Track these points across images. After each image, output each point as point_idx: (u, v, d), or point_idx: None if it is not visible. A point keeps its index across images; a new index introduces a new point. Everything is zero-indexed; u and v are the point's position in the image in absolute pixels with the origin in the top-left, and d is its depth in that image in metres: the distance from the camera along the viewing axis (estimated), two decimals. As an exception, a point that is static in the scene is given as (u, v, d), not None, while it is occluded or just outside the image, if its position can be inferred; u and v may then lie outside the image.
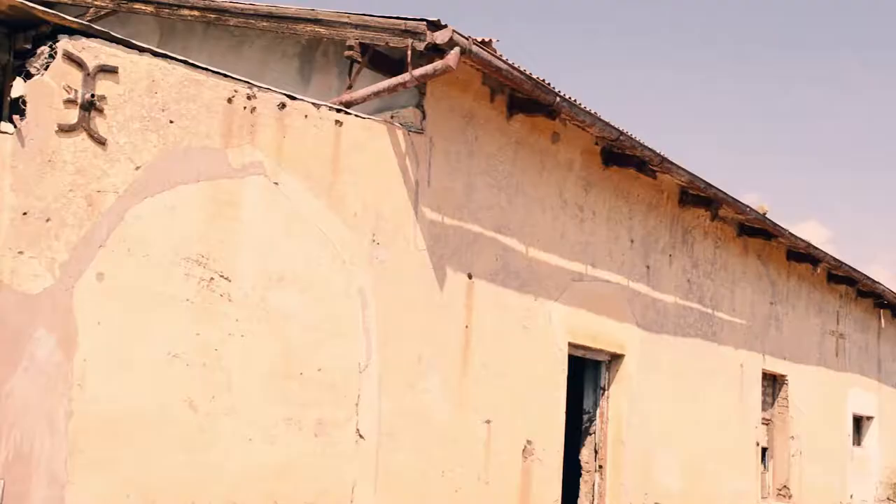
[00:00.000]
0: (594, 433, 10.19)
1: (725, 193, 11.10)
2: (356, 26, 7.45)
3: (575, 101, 8.50)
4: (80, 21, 5.72)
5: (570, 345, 9.38)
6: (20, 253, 5.31)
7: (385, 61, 7.85)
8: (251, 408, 6.36)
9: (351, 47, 7.47)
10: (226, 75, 6.42)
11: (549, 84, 8.14)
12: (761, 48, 48.07)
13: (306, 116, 6.88)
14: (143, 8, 9.10)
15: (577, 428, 10.33)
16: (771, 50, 47.83)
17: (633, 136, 9.32)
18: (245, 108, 6.48)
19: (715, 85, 47.35)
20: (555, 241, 9.26)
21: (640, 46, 46.23)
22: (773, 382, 14.08)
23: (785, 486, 13.99)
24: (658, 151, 9.67)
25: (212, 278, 6.19)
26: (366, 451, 7.10)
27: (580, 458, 10.24)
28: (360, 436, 7.06)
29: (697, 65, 46.56)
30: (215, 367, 6.17)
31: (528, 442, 8.72)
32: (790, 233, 12.83)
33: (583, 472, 10.21)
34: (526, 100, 8.56)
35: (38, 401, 5.34)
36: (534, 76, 7.93)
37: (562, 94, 8.27)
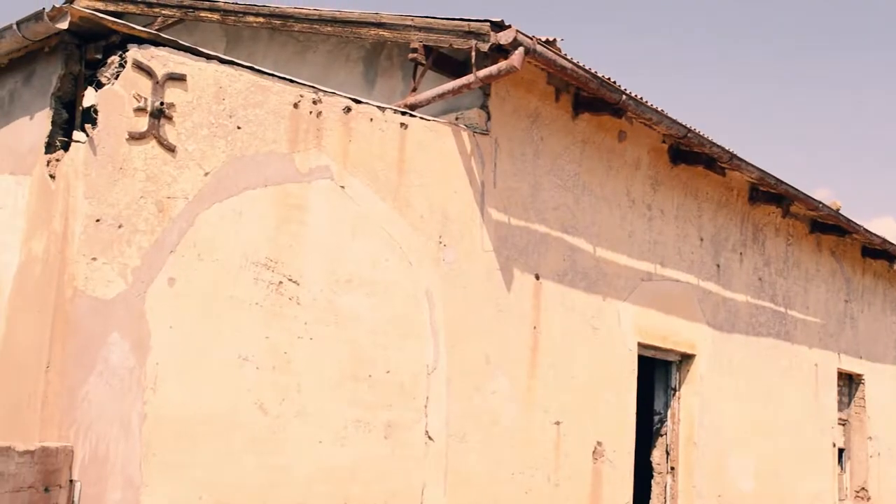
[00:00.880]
0: (665, 434, 10.08)
1: (797, 190, 10.89)
2: (420, 29, 7.46)
3: (641, 98, 8.42)
4: (148, 30, 5.81)
5: (640, 345, 9.29)
6: (94, 259, 5.41)
7: (449, 63, 7.85)
8: (321, 410, 6.40)
9: (415, 50, 7.48)
10: (292, 80, 6.47)
11: (614, 82, 8.07)
12: (831, 44, 47.22)
13: (371, 120, 6.91)
14: (210, 16, 9.22)
15: (647, 429, 10.21)
16: (841, 47, 46.96)
17: (702, 133, 9.20)
18: (311, 112, 6.53)
19: (783, 81, 46.60)
20: (623, 241, 9.18)
21: (704, 43, 45.69)
22: (849, 382, 13.79)
23: (863, 488, 13.69)
24: (727, 148, 9.53)
25: (280, 282, 6.24)
26: (435, 453, 7.10)
27: (651, 459, 10.13)
28: (430, 437, 7.07)
29: (763, 61, 45.87)
30: (285, 369, 6.22)
31: (599, 443, 8.65)
32: (865, 229, 12.55)
33: (654, 473, 10.09)
34: (591, 98, 8.49)
35: (112, 404, 5.43)
36: (599, 74, 7.87)
37: (628, 91, 8.19)
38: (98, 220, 5.45)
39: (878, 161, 48.44)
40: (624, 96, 8.13)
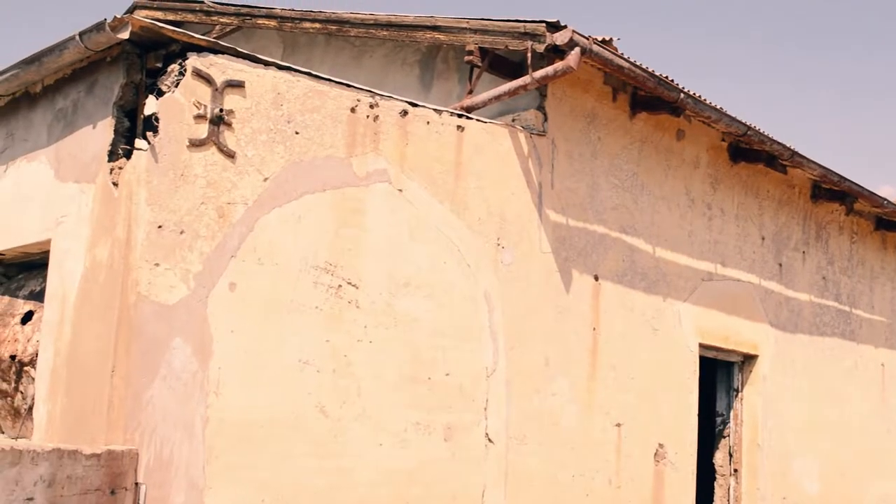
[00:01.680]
0: (728, 436, 9.96)
1: (861, 186, 10.70)
2: (475, 31, 7.46)
3: (700, 96, 8.33)
4: (207, 38, 5.88)
5: (701, 346, 9.19)
6: (156, 265, 5.48)
7: (505, 64, 7.84)
8: (381, 413, 6.42)
9: (471, 52, 7.49)
10: (348, 85, 6.51)
11: (672, 81, 8.00)
12: (891, 37, 46.33)
13: (428, 123, 6.92)
14: (267, 23, 9.31)
15: (710, 431, 10.10)
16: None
17: (762, 131, 9.08)
18: (368, 116, 6.56)
19: (844, 77, 45.84)
20: (682, 241, 9.09)
21: (762, 39, 45.10)
22: (916, 382, 13.50)
23: (933, 490, 13.40)
24: (788, 145, 9.40)
25: (340, 285, 6.27)
26: (495, 456, 7.09)
27: (714, 461, 10.02)
28: (490, 440, 7.06)
29: (822, 57, 45.17)
30: (345, 372, 6.26)
31: (660, 445, 8.57)
32: (931, 226, 12.30)
33: (717, 476, 9.98)
34: (649, 98, 8.43)
35: (176, 408, 5.49)
36: (656, 73, 7.81)
37: (686, 90, 8.11)
38: (160, 227, 5.52)
39: (944, 156, 47.43)
40: (682, 95, 8.05)
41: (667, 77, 7.96)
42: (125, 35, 5.58)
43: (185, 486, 5.48)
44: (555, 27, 7.07)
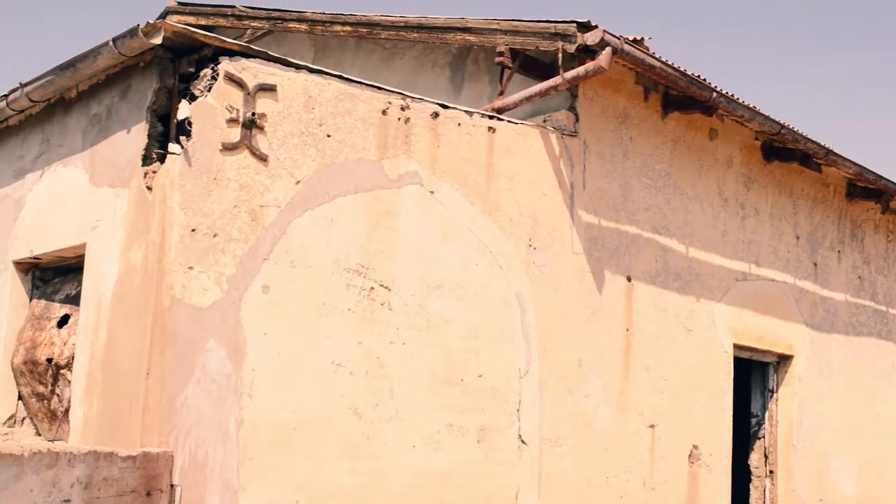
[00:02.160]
0: (763, 437, 9.88)
1: (897, 184, 10.59)
2: (506, 32, 7.46)
3: (732, 95, 8.28)
4: (238, 43, 5.91)
5: (736, 346, 9.13)
6: (190, 268, 5.52)
7: (535, 65, 7.82)
8: (414, 414, 6.43)
9: (501, 53, 7.48)
10: (379, 88, 6.52)
11: (704, 80, 7.96)
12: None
13: (459, 124, 6.92)
14: (298, 26, 9.35)
15: (744, 432, 10.03)
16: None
17: (796, 129, 9.00)
18: (399, 118, 6.57)
19: (878, 75, 45.36)
20: (716, 241, 9.03)
21: (794, 37, 44.73)
22: (955, 382, 13.32)
23: (972, 492, 13.22)
24: (823, 144, 9.31)
25: (372, 288, 6.29)
26: (528, 457, 7.08)
27: (749, 462, 9.94)
28: (523, 441, 7.04)
29: (855, 55, 44.73)
30: (378, 374, 6.27)
31: (695, 447, 8.52)
32: (969, 224, 12.13)
33: (752, 477, 9.90)
34: (681, 97, 8.38)
35: (210, 410, 5.53)
36: (688, 72, 7.77)
37: (718, 88, 8.07)
38: (194, 230, 5.56)
39: (982, 153, 46.79)
40: (714, 94, 8.01)
41: (699, 76, 7.92)
42: (158, 40, 5.62)
43: (219, 488, 5.51)
44: (586, 27, 7.05)
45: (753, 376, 10.04)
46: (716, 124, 9.08)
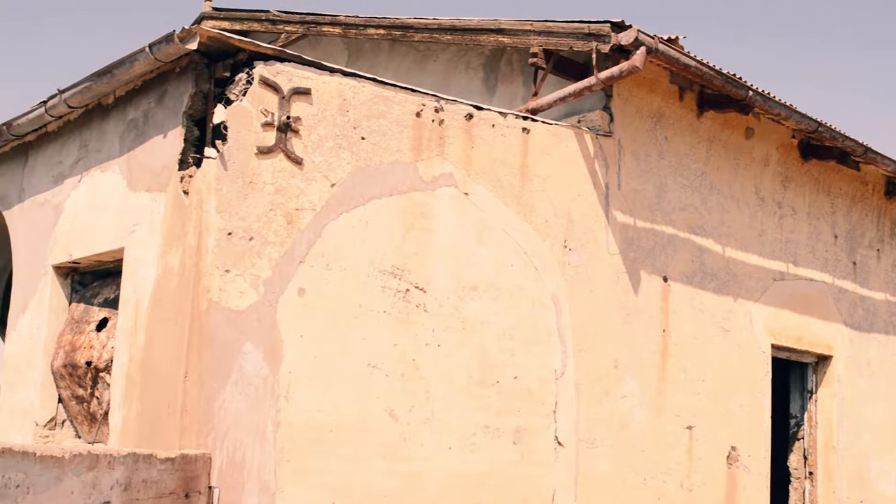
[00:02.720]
0: (802, 438, 9.78)
1: (937, 182, 10.45)
2: (539, 33, 7.44)
3: (768, 93, 8.21)
4: (273, 47, 5.95)
5: (774, 347, 9.05)
6: (227, 272, 5.56)
7: (569, 66, 7.80)
8: (450, 416, 6.43)
9: (535, 54, 7.46)
10: (413, 90, 6.53)
11: (740, 78, 7.90)
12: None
13: (493, 126, 6.92)
14: (331, 30, 9.38)
15: (783, 433, 9.94)
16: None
17: (833, 127, 8.91)
18: (433, 121, 6.57)
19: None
20: (753, 240, 8.96)
21: (827, 32, 44.28)
22: None
23: None
24: (861, 141, 9.21)
25: (407, 290, 6.30)
26: (565, 459, 7.06)
27: (788, 464, 9.85)
28: (559, 443, 7.02)
29: (890, 50, 44.20)
30: (413, 376, 6.28)
31: (733, 448, 8.45)
32: None
33: (792, 479, 9.81)
34: (716, 96, 8.32)
35: (247, 412, 5.56)
36: (724, 71, 7.71)
37: (754, 87, 8.00)
38: (230, 234, 5.60)
39: None
40: (750, 92, 7.95)
41: (734, 74, 7.86)
42: (193, 46, 5.67)
43: (257, 490, 5.54)
44: (619, 27, 7.03)
45: (792, 377, 9.95)
46: (752, 123, 9.01)
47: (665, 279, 8.00)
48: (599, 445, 7.32)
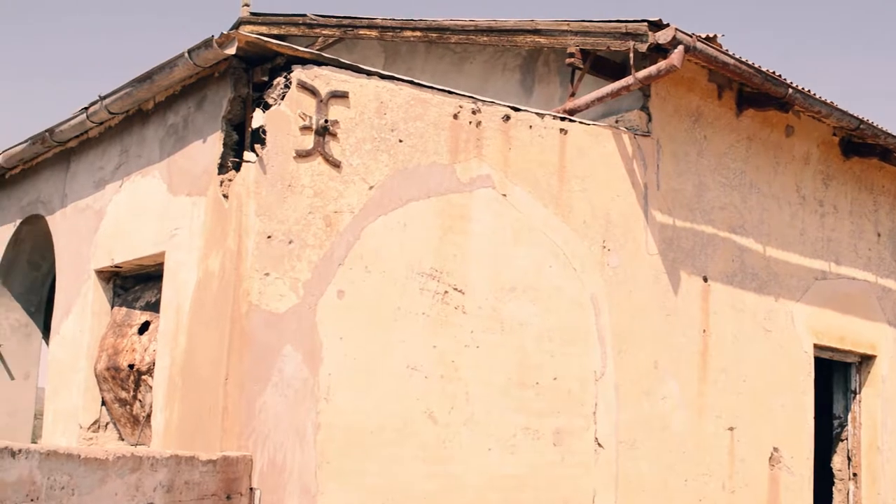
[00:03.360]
0: (846, 439, 9.67)
1: (982, 179, 10.28)
2: (576, 33, 7.42)
3: (808, 91, 8.13)
4: (310, 51, 5.98)
5: (816, 346, 8.95)
6: (266, 274, 5.59)
7: (606, 65, 7.77)
8: (489, 418, 6.42)
9: (572, 55, 7.44)
10: (450, 92, 6.53)
11: (779, 76, 7.83)
12: None
13: (531, 127, 6.90)
14: (368, 33, 9.41)
15: (827, 434, 9.83)
16: None
17: (875, 124, 8.81)
18: (470, 122, 6.57)
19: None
20: (794, 239, 8.87)
21: (861, 27, 43.76)
22: None
23: None
24: (904, 138, 9.10)
25: (446, 291, 6.30)
26: (605, 460, 7.02)
27: (832, 465, 9.74)
28: (599, 444, 6.99)
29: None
30: (453, 378, 6.28)
31: (775, 449, 8.38)
32: None
33: (835, 480, 9.70)
34: (756, 94, 8.25)
35: (288, 414, 5.59)
36: (763, 68, 7.65)
37: (794, 84, 7.93)
38: (269, 237, 5.63)
39: None
40: (790, 90, 7.87)
41: (774, 72, 7.79)
42: (232, 51, 5.71)
43: (297, 491, 5.57)
44: (657, 26, 6.99)
45: (835, 377, 9.84)
46: (792, 121, 8.93)
47: (705, 279, 7.94)
48: (640, 447, 7.28)
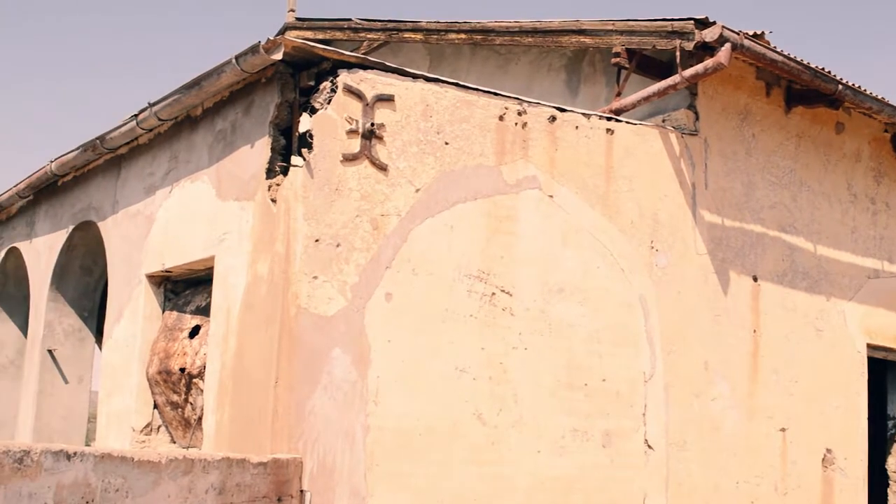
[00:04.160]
0: (901, 440, 9.52)
1: None
2: (622, 32, 7.38)
3: (859, 87, 8.02)
4: (356, 55, 6.00)
5: (869, 346, 8.82)
6: (315, 278, 5.63)
7: (652, 65, 7.72)
8: (538, 419, 6.41)
9: (618, 54, 7.40)
10: (495, 93, 6.53)
11: (829, 72, 7.73)
12: None
13: (577, 127, 6.88)
14: (413, 36, 9.43)
15: (881, 435, 9.68)
16: None
17: (928, 120, 8.67)
18: (516, 123, 6.57)
19: None
20: (845, 238, 8.75)
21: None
22: None
23: None
24: (958, 134, 8.95)
25: (493, 293, 6.29)
26: (655, 462, 6.97)
27: (886, 466, 9.59)
28: (649, 446, 6.95)
29: None
30: (501, 380, 6.27)
31: (828, 450, 8.27)
32: None
33: (890, 482, 9.55)
34: (805, 91, 8.16)
35: (337, 417, 5.62)
36: (812, 65, 7.56)
37: (844, 81, 7.82)
38: (317, 240, 5.66)
39: None
40: (840, 86, 7.77)
41: (823, 68, 7.69)
42: (278, 56, 5.75)
43: (347, 494, 5.59)
44: (703, 24, 6.93)
45: (889, 377, 9.69)
46: (842, 117, 8.81)
47: (755, 279, 7.86)
48: (690, 448, 7.22)
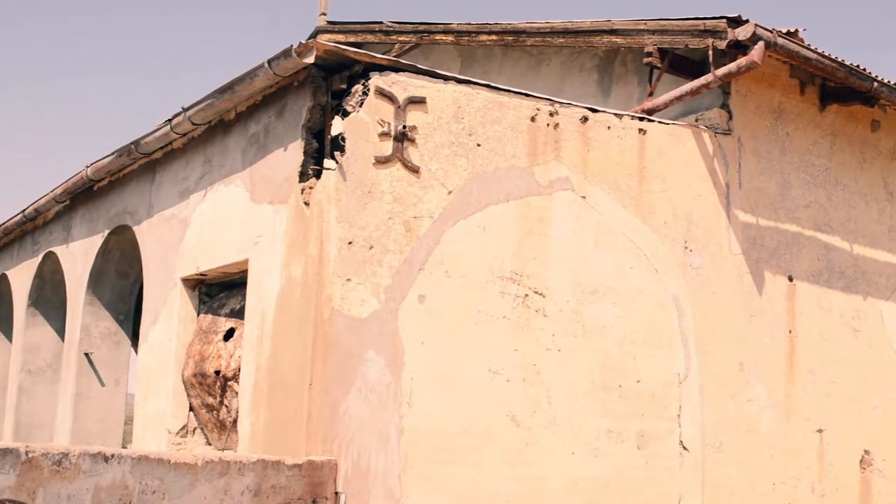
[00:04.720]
0: (941, 441, 9.39)
1: None
2: (653, 32, 7.35)
3: (895, 84, 7.93)
4: (387, 57, 6.02)
5: (907, 346, 8.72)
6: (348, 280, 5.64)
7: (684, 64, 7.68)
8: (572, 421, 6.39)
9: (650, 54, 7.37)
10: (527, 95, 6.52)
11: (864, 69, 7.65)
12: None
13: (609, 128, 6.86)
14: (444, 38, 9.44)
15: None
16: None
17: (966, 117, 8.56)
18: (548, 124, 6.55)
19: None
20: (882, 237, 8.66)
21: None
22: None
23: None
24: None
25: (526, 295, 6.29)
26: (691, 464, 6.93)
27: (926, 468, 9.48)
28: (684, 447, 6.91)
29: None
30: (535, 381, 6.26)
31: (866, 452, 8.18)
32: None
33: (930, 483, 9.44)
34: (840, 88, 8.08)
35: (371, 419, 5.63)
36: (846, 62, 7.49)
37: (879, 78, 7.74)
38: (350, 243, 5.68)
39: None
40: (875, 83, 7.69)
41: (858, 65, 7.62)
42: (310, 59, 5.78)
43: (382, 495, 5.60)
44: (736, 22, 6.89)
45: (928, 377, 9.57)
46: (878, 115, 8.72)
47: (790, 279, 7.80)
48: (726, 450, 7.17)
